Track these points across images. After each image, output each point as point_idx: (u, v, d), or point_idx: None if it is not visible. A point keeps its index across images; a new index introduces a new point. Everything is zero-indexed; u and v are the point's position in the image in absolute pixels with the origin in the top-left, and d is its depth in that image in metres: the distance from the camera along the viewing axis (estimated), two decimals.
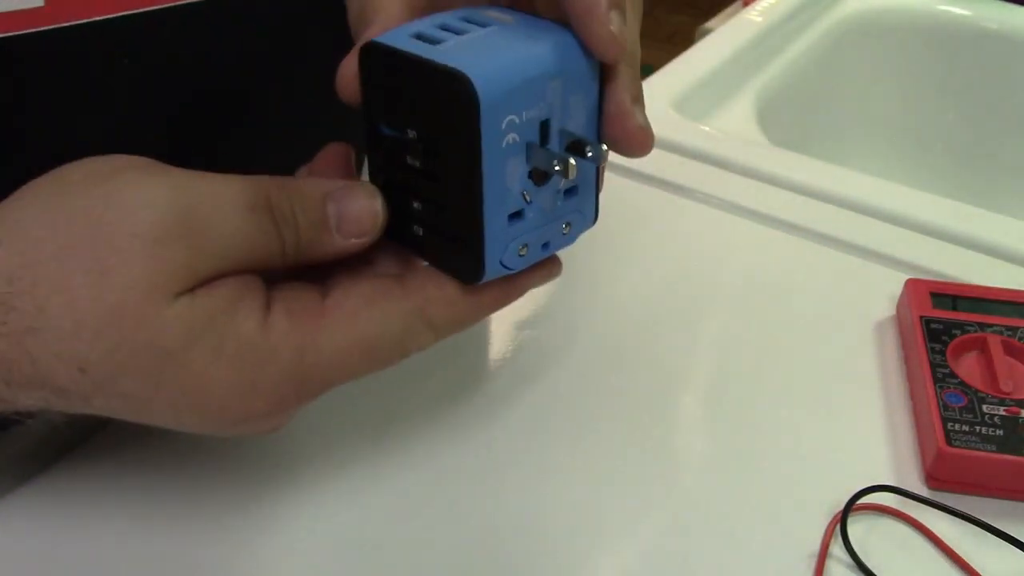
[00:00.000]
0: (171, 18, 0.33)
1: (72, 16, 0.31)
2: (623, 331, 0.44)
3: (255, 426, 0.28)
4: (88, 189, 0.26)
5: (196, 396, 0.26)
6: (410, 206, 0.29)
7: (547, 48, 0.27)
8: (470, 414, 0.39)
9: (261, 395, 0.27)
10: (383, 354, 0.28)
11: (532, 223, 0.28)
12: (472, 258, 0.28)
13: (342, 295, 0.28)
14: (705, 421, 0.40)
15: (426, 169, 0.28)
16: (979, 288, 0.45)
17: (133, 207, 0.25)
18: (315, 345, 0.27)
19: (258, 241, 0.27)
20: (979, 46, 0.83)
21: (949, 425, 0.37)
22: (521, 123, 0.26)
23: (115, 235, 0.25)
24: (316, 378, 0.27)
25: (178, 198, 0.26)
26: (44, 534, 0.34)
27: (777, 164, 0.58)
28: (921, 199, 0.55)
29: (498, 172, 0.26)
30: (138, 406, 0.27)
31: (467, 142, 0.26)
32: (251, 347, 0.26)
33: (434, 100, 0.26)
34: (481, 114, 0.25)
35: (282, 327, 0.27)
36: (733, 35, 0.74)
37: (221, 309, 0.26)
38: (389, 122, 0.29)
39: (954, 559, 0.34)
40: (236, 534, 0.34)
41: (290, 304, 0.27)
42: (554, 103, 0.27)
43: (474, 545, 0.34)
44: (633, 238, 0.51)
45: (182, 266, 0.25)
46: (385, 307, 0.28)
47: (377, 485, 0.36)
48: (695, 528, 0.35)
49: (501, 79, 0.25)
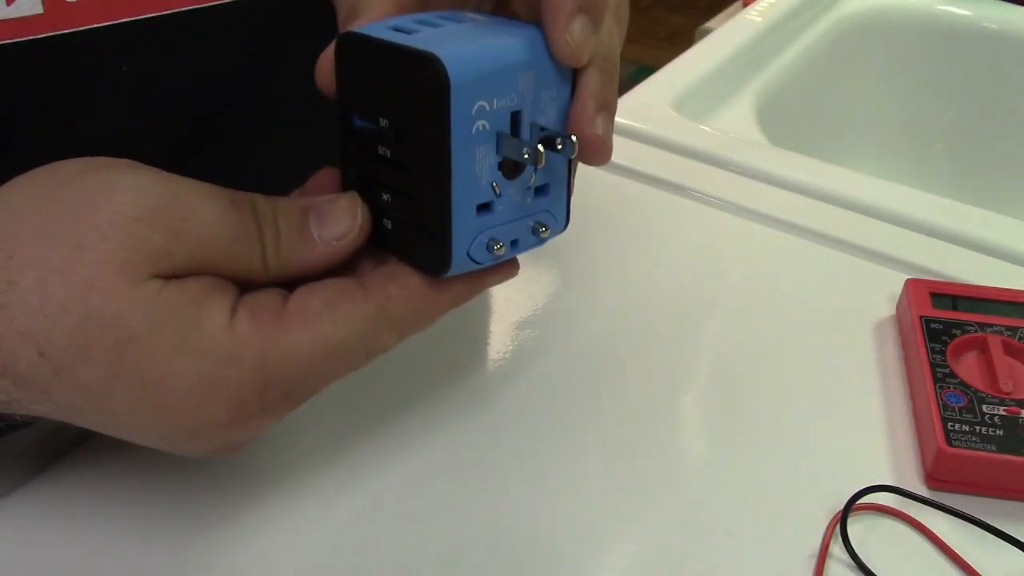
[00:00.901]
0: (170, 25, 0.33)
1: (72, 23, 0.31)
2: (623, 331, 0.44)
3: (214, 438, 0.27)
4: (81, 176, 0.27)
5: (155, 391, 0.26)
6: (380, 200, 0.29)
7: (520, 41, 0.27)
8: (470, 414, 0.39)
9: (221, 398, 0.26)
10: (346, 356, 0.28)
11: (501, 217, 0.28)
12: (439, 249, 0.27)
13: (302, 299, 0.27)
14: (705, 421, 0.40)
15: (396, 158, 0.28)
16: (979, 288, 0.45)
17: (121, 188, 0.26)
18: (278, 349, 0.26)
19: (239, 237, 0.27)
20: (979, 46, 0.83)
21: (949, 425, 0.37)
22: (492, 111, 0.26)
23: (97, 212, 0.25)
24: (278, 384, 0.27)
25: (164, 184, 0.26)
26: (43, 535, 0.34)
27: (777, 164, 0.58)
28: (921, 199, 0.55)
29: (467, 159, 0.26)
30: (97, 401, 0.26)
31: (436, 125, 0.26)
32: (214, 345, 0.26)
33: (405, 84, 0.27)
34: (451, 95, 0.25)
35: (245, 329, 0.26)
36: (733, 35, 0.74)
37: (188, 302, 0.26)
38: (363, 113, 0.29)
39: (954, 559, 0.34)
40: (235, 534, 0.34)
41: (253, 307, 0.27)
42: (526, 96, 0.27)
43: (474, 545, 0.34)
44: (633, 238, 0.51)
45: (158, 248, 0.25)
46: (347, 308, 0.27)
47: (376, 485, 0.36)
48: (695, 528, 0.35)
49: (472, 63, 0.26)
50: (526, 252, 0.30)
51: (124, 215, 0.25)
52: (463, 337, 0.44)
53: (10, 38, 0.30)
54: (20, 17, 0.30)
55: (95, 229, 0.25)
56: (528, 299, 0.46)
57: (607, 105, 0.28)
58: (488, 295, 0.46)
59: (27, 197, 0.26)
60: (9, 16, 0.29)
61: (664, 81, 0.67)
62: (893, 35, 0.85)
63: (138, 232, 0.25)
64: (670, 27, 2.80)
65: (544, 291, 0.47)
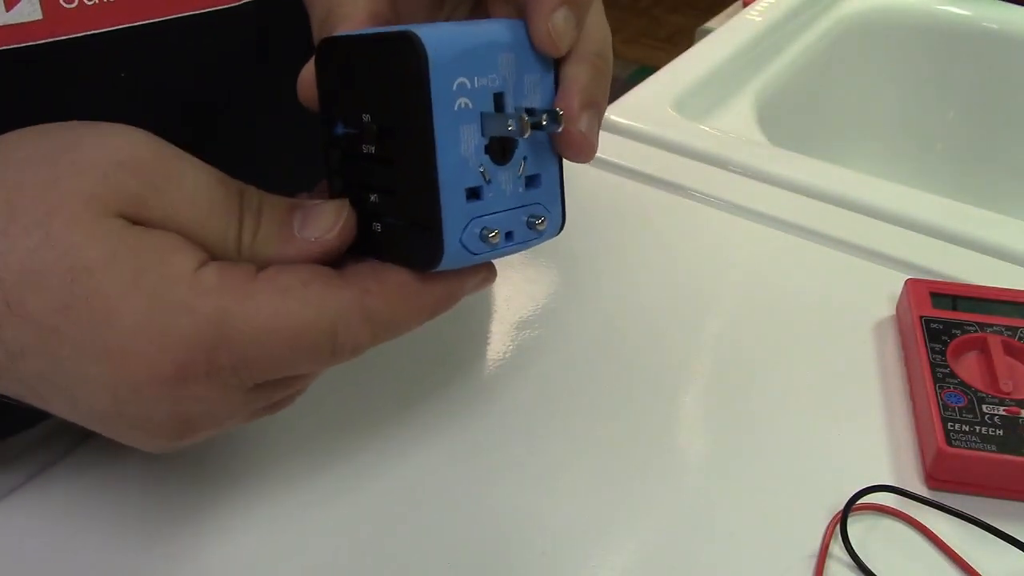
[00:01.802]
0: (169, 30, 0.33)
1: (70, 29, 0.31)
2: (623, 331, 0.44)
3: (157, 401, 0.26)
4: (76, 125, 0.27)
5: (102, 330, 0.25)
6: (368, 204, 0.28)
7: (498, 25, 0.27)
8: (470, 414, 0.39)
9: (168, 347, 0.25)
10: (310, 341, 0.26)
11: (492, 205, 0.27)
12: (431, 237, 0.26)
13: (276, 272, 0.27)
14: (705, 421, 0.40)
15: (381, 153, 0.27)
16: (979, 288, 0.45)
17: (111, 136, 0.26)
18: (240, 311, 0.25)
19: (217, 210, 0.27)
20: (979, 46, 0.83)
21: (949, 425, 0.37)
22: (473, 89, 0.26)
23: (81, 151, 0.26)
24: (229, 348, 0.25)
25: (158, 145, 0.27)
26: (40, 537, 0.34)
27: (777, 164, 0.58)
28: (921, 199, 0.55)
29: (451, 138, 0.26)
30: (43, 341, 0.25)
31: (417, 103, 0.25)
32: (171, 290, 0.25)
33: (384, 70, 0.26)
34: (430, 68, 0.25)
35: (210, 281, 0.25)
36: (733, 35, 0.74)
37: (154, 244, 0.25)
38: (345, 116, 0.28)
39: (954, 559, 0.34)
40: (234, 534, 0.34)
41: (223, 266, 0.26)
42: (508, 77, 0.27)
43: (474, 544, 0.34)
44: (633, 238, 0.51)
45: (134, 193, 0.25)
46: (320, 291, 0.26)
47: (376, 485, 0.36)
48: (695, 528, 0.35)
49: (449, 40, 0.26)
50: (524, 249, 0.29)
51: (108, 158, 0.25)
52: (463, 337, 0.44)
53: (9, 44, 0.30)
54: (19, 23, 0.30)
55: (74, 166, 0.25)
56: (528, 299, 0.46)
57: (593, 102, 0.28)
58: (488, 295, 0.46)
59: (17, 135, 0.27)
60: (8, 22, 0.29)
61: (664, 81, 0.67)
62: (893, 35, 0.85)
63: (117, 175, 0.25)
64: (670, 27, 2.80)
65: (544, 291, 0.47)
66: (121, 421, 0.27)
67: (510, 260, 0.29)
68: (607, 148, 0.59)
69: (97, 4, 0.31)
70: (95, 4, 0.31)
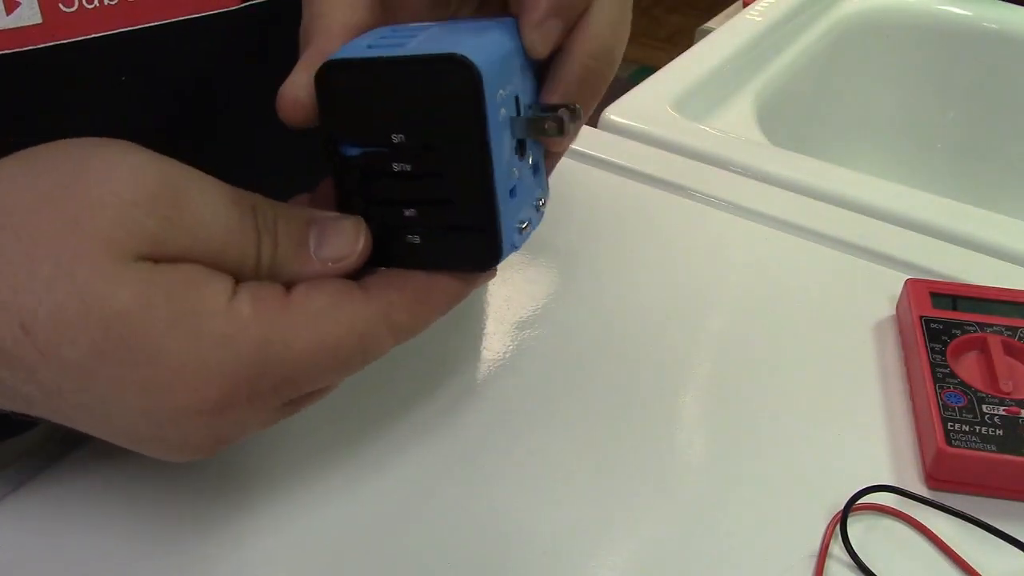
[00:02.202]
0: (170, 34, 0.33)
1: (71, 33, 0.31)
2: (623, 331, 0.44)
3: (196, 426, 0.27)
4: (81, 151, 0.26)
5: (143, 369, 0.25)
6: (400, 218, 0.29)
7: (504, 31, 0.28)
8: (470, 414, 0.39)
9: (214, 380, 0.25)
10: (344, 357, 0.28)
11: (522, 199, 0.29)
12: (490, 242, 0.28)
13: (305, 294, 0.27)
14: (705, 421, 0.40)
15: (420, 170, 0.28)
16: (979, 288, 0.45)
17: (120, 169, 0.25)
18: (280, 338, 0.26)
19: (234, 235, 0.26)
20: (979, 46, 0.83)
21: (949, 425, 0.37)
22: (506, 97, 0.27)
23: (93, 189, 0.25)
24: (272, 374, 0.26)
25: (167, 171, 0.26)
26: (39, 537, 0.34)
27: (777, 164, 0.58)
28: (921, 199, 0.55)
29: (499, 148, 0.27)
30: (80, 379, 0.25)
31: (472, 121, 0.26)
32: (211, 324, 0.25)
33: (425, 92, 0.27)
34: (484, 87, 0.26)
35: (247, 312, 0.26)
36: (733, 35, 0.74)
37: (182, 281, 0.25)
38: (360, 139, 0.28)
39: (954, 559, 0.34)
40: (232, 534, 0.34)
41: (255, 292, 0.26)
42: (518, 79, 0.28)
43: (474, 545, 0.34)
44: (633, 238, 0.51)
45: (151, 233, 0.25)
46: (350, 309, 0.27)
47: (375, 485, 0.36)
48: (695, 528, 0.35)
49: (487, 54, 0.26)
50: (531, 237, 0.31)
51: (120, 196, 0.25)
52: (463, 337, 0.44)
53: (9, 48, 0.30)
54: (19, 27, 0.29)
55: (88, 207, 0.25)
56: (528, 299, 0.46)
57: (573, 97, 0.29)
58: (488, 295, 0.46)
59: (24, 169, 0.26)
60: (8, 26, 0.29)
61: (664, 81, 0.67)
62: (893, 35, 0.85)
63: (132, 215, 0.25)
64: (670, 27, 2.80)
65: (544, 291, 0.47)
66: (156, 442, 0.28)
67: (510, 260, 0.30)
68: (607, 148, 0.59)
69: (97, 8, 0.31)
70: (95, 8, 0.31)
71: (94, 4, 0.31)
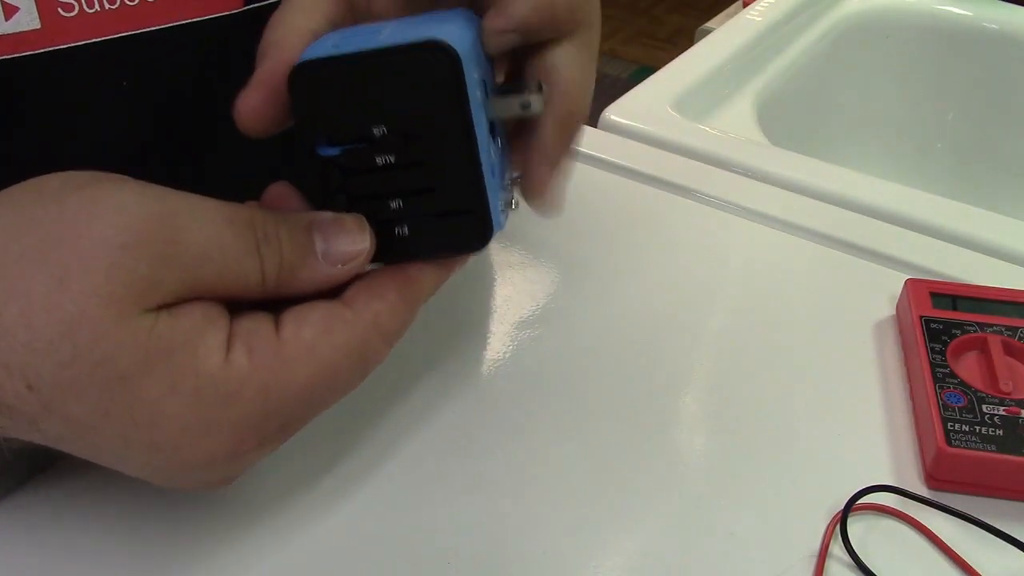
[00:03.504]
0: (170, 38, 0.33)
1: (71, 38, 0.30)
2: (622, 331, 0.44)
3: (209, 473, 0.27)
4: (63, 195, 0.25)
5: (147, 431, 0.25)
6: (387, 211, 0.29)
7: (461, 20, 0.29)
8: (470, 414, 0.39)
9: (220, 436, 0.26)
10: (345, 378, 0.28)
11: (499, 179, 0.30)
12: (480, 222, 0.29)
13: (295, 326, 0.27)
14: (705, 421, 0.40)
15: (404, 159, 0.28)
16: (979, 288, 0.45)
17: (104, 210, 0.25)
18: (277, 383, 0.26)
19: (234, 256, 0.26)
20: (979, 46, 0.83)
21: (949, 425, 0.37)
22: (479, 80, 0.28)
23: (81, 239, 0.24)
24: (276, 416, 0.27)
25: (153, 204, 0.25)
26: (39, 537, 0.34)
27: (777, 164, 0.58)
28: (921, 199, 0.55)
29: (480, 129, 0.28)
30: (86, 435, 0.25)
31: (454, 104, 0.27)
32: (211, 386, 0.25)
33: (407, 80, 0.27)
34: (464, 68, 0.26)
35: (243, 366, 0.26)
36: (733, 35, 0.74)
37: (181, 342, 0.25)
38: (336, 137, 0.29)
39: (954, 559, 0.34)
40: (231, 533, 0.34)
41: (248, 340, 0.26)
42: (484, 65, 0.29)
43: (474, 544, 0.34)
44: (633, 238, 0.51)
45: (146, 277, 0.24)
46: (342, 332, 0.27)
47: (375, 486, 0.36)
48: (695, 528, 0.35)
49: (460, 39, 0.27)
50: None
51: (109, 242, 0.24)
52: (463, 337, 0.44)
53: (8, 53, 0.29)
54: (18, 32, 0.29)
55: (80, 260, 0.24)
56: (528, 299, 0.46)
57: (559, 164, 0.30)
58: (488, 295, 0.46)
59: (7, 221, 0.25)
60: (7, 32, 0.29)
61: (664, 81, 0.67)
62: (893, 35, 0.85)
63: (124, 262, 0.24)
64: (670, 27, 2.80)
65: (544, 291, 0.47)
66: (164, 483, 0.28)
67: (510, 260, 0.30)
68: (607, 148, 0.59)
69: (97, 12, 0.31)
70: (95, 12, 0.31)
71: (95, 8, 0.31)
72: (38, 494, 0.35)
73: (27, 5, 0.29)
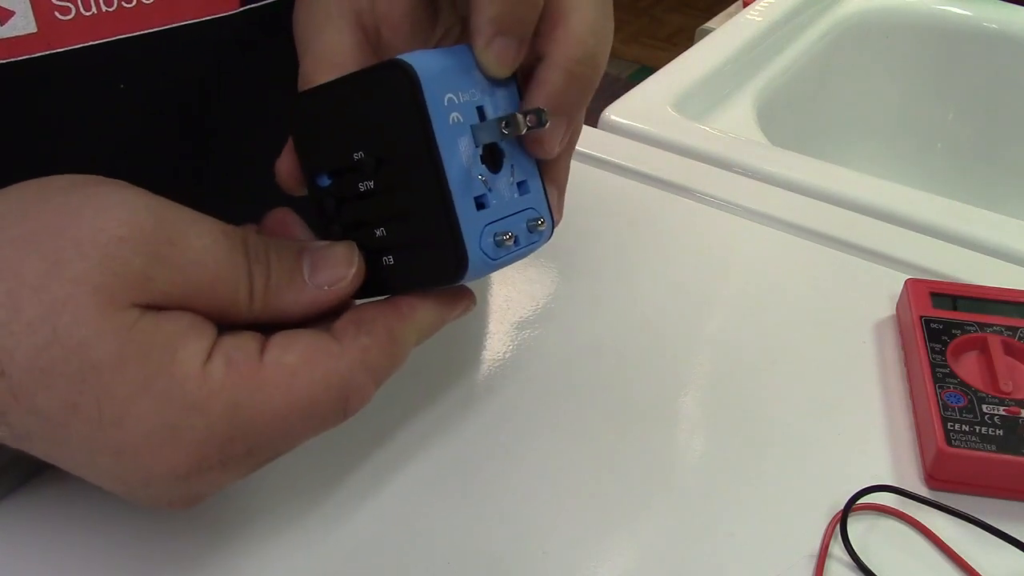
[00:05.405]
0: (167, 40, 0.33)
1: (67, 41, 0.30)
2: (623, 331, 0.44)
3: (170, 488, 0.26)
4: (70, 189, 0.26)
5: (112, 431, 0.25)
6: (375, 240, 0.29)
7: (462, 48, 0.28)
8: (470, 414, 0.39)
9: (182, 447, 0.25)
10: (322, 414, 0.27)
11: (497, 211, 0.28)
12: (453, 249, 0.27)
13: (279, 351, 0.26)
14: (705, 421, 0.40)
15: (382, 184, 0.28)
16: (979, 288, 0.45)
17: (108, 205, 0.25)
18: (250, 402, 0.25)
19: (226, 268, 0.26)
20: (979, 46, 0.83)
21: (949, 425, 0.37)
22: (460, 103, 0.27)
23: (81, 228, 0.24)
24: (243, 438, 0.26)
25: (154, 206, 0.26)
26: (40, 536, 0.34)
27: (777, 164, 0.58)
28: (921, 199, 0.55)
29: (452, 151, 0.27)
30: (52, 431, 0.25)
31: (415, 123, 0.26)
32: (181, 391, 0.25)
33: (373, 101, 0.27)
34: (423, 87, 0.26)
35: (218, 377, 0.25)
36: (733, 35, 0.74)
37: (161, 341, 0.25)
38: (330, 166, 0.29)
39: (954, 559, 0.34)
40: (231, 533, 0.34)
41: (229, 354, 0.26)
42: (484, 91, 0.28)
43: (474, 544, 0.34)
44: (633, 238, 0.51)
45: (139, 272, 0.24)
46: (325, 365, 0.27)
47: (375, 487, 0.36)
48: (695, 528, 0.35)
49: (430, 61, 0.27)
50: (529, 253, 0.30)
51: (108, 232, 0.24)
52: (463, 337, 0.44)
53: (4, 58, 0.29)
54: (13, 36, 0.29)
55: (76, 245, 0.24)
56: (528, 299, 0.46)
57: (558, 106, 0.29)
58: (488, 295, 0.46)
59: (11, 206, 0.26)
60: (3, 36, 0.29)
61: (664, 81, 0.67)
62: (893, 35, 0.85)
63: (120, 253, 0.24)
64: (670, 27, 2.80)
65: (544, 291, 0.47)
66: (127, 495, 0.27)
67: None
68: (607, 148, 0.59)
69: (94, 15, 0.31)
70: (92, 15, 0.30)
71: (91, 11, 0.30)
72: (38, 494, 0.35)
73: (23, 9, 0.29)
